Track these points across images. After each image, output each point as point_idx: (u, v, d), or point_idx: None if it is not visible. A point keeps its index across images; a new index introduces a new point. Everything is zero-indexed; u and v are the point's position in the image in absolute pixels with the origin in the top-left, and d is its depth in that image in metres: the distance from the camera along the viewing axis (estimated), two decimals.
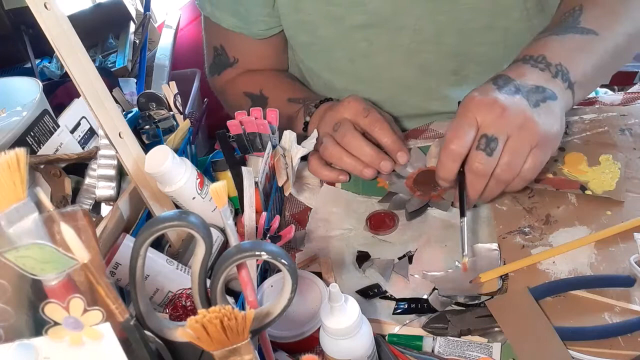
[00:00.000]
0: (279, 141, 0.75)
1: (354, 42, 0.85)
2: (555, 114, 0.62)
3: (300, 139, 0.75)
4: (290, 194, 0.78)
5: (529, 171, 0.61)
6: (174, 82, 0.78)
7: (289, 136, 0.74)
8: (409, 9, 0.81)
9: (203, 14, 0.95)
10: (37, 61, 1.44)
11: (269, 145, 0.72)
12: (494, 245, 0.64)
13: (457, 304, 0.60)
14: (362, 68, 0.88)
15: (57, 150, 0.67)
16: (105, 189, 0.64)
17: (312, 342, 0.57)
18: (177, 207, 0.64)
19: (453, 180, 0.64)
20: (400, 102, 0.90)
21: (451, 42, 0.84)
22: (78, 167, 0.67)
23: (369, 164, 0.73)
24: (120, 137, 0.56)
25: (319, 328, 0.53)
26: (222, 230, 0.64)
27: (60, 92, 1.18)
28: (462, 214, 0.62)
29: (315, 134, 0.76)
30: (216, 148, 0.77)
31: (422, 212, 0.71)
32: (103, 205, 0.66)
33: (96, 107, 0.53)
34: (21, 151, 0.34)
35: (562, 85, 0.64)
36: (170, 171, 0.59)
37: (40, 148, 0.66)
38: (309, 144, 0.74)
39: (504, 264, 0.62)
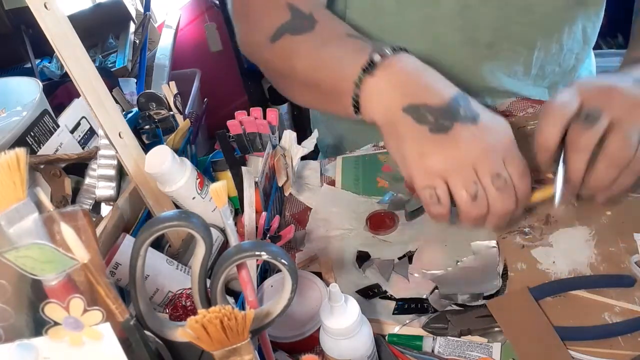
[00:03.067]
0: (279, 141, 0.75)
1: None
2: None
3: (301, 138, 0.75)
4: (290, 194, 0.78)
5: None
6: (173, 82, 0.78)
7: (289, 136, 0.74)
8: None
9: None
10: (37, 61, 1.45)
11: (269, 145, 0.72)
12: (492, 243, 0.64)
13: (457, 304, 0.60)
14: (409, 14, 0.80)
15: (57, 150, 0.67)
16: (105, 189, 0.64)
17: (312, 342, 0.57)
18: (177, 207, 0.64)
19: (553, 152, 0.58)
20: (434, 59, 0.85)
21: (492, 15, 0.81)
22: (78, 167, 0.67)
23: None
24: (120, 137, 0.56)
25: (319, 328, 0.53)
26: (222, 230, 0.64)
27: (60, 92, 1.18)
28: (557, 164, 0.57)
29: (315, 133, 0.75)
30: (216, 148, 0.77)
31: (421, 212, 0.71)
32: (103, 205, 0.66)
33: (96, 107, 0.53)
34: (21, 151, 0.34)
35: None
36: (170, 171, 0.59)
37: (40, 148, 0.66)
38: (309, 143, 0.74)
39: (504, 263, 0.62)
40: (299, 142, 0.75)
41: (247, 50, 0.78)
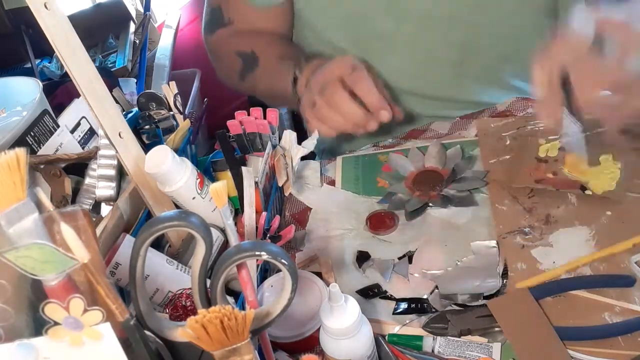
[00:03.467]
0: (279, 141, 0.75)
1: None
2: None
3: (301, 138, 0.75)
4: (290, 194, 0.78)
5: None
6: (174, 82, 0.78)
7: (289, 136, 0.74)
8: None
9: None
10: (37, 61, 1.44)
11: (269, 145, 0.72)
12: (492, 243, 0.64)
13: (457, 304, 0.60)
14: (381, 30, 0.85)
15: (57, 150, 0.67)
16: (105, 189, 0.64)
17: (312, 342, 0.57)
18: (177, 207, 0.64)
19: (555, 97, 0.58)
20: (406, 77, 0.88)
21: (459, 34, 0.82)
22: (78, 167, 0.67)
23: (357, 124, 0.71)
24: (120, 137, 0.56)
25: (319, 328, 0.53)
26: (222, 230, 0.64)
27: (60, 92, 1.18)
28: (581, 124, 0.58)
29: (316, 134, 0.75)
30: (216, 148, 0.77)
31: (421, 211, 0.71)
32: (103, 205, 0.66)
33: (96, 107, 0.53)
34: (21, 151, 0.34)
35: None
36: (170, 171, 0.59)
37: (40, 148, 0.66)
38: (309, 143, 0.74)
39: (504, 263, 0.62)
40: (299, 142, 0.75)
41: (225, 82, 1.01)
